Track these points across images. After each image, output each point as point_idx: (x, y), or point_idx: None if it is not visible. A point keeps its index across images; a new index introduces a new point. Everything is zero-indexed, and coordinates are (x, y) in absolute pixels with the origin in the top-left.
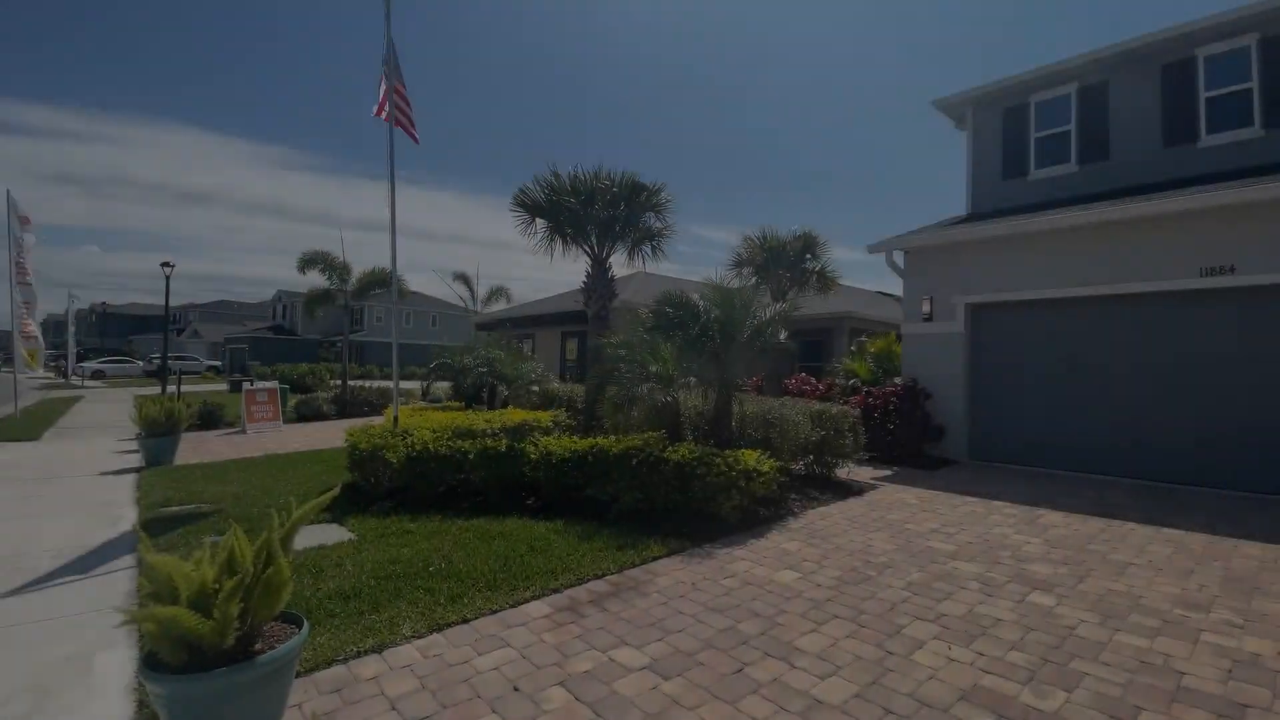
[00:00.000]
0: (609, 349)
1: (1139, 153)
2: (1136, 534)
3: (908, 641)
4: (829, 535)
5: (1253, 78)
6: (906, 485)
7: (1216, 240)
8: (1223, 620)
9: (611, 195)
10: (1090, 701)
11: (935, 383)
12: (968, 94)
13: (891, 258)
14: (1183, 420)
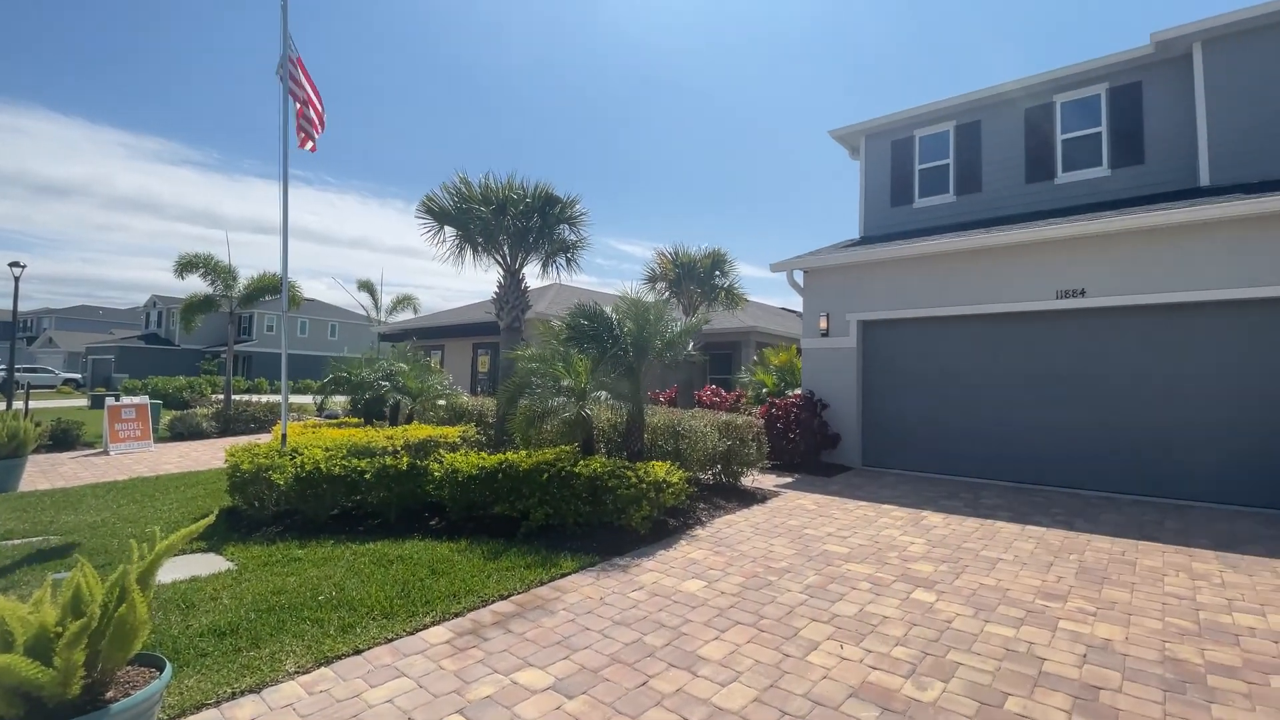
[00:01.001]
0: (521, 362)
1: (1006, 186)
2: (1006, 532)
3: (804, 643)
4: (734, 543)
5: (1102, 123)
6: (806, 491)
7: (1070, 266)
8: (1077, 609)
9: (525, 206)
10: (964, 690)
11: (832, 394)
12: (860, 126)
13: (792, 277)
14: (1044, 427)
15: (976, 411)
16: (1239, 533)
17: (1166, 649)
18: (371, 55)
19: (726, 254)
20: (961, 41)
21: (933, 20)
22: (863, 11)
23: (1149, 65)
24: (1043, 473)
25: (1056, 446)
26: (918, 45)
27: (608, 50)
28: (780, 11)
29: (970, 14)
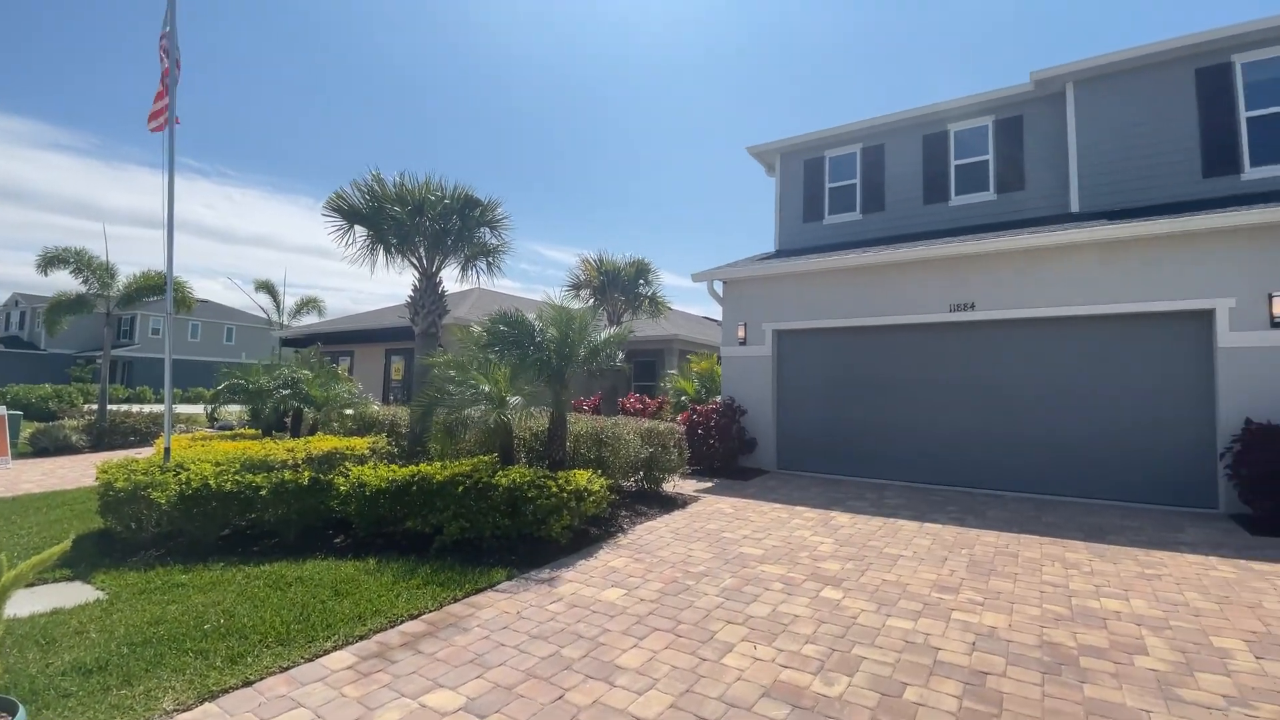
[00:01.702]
0: (438, 368)
1: (907, 206)
2: (906, 530)
3: (720, 646)
4: (654, 549)
5: (989, 152)
6: (724, 495)
7: (961, 282)
8: (968, 600)
9: (443, 207)
10: (867, 683)
11: (750, 400)
12: (775, 145)
13: (713, 287)
14: (940, 431)
15: (880, 416)
16: (1104, 525)
17: (1044, 634)
18: (279, 43)
19: (650, 263)
20: (895, 59)
21: (860, 40)
22: (788, 30)
23: (1029, 101)
24: (940, 473)
25: (951, 448)
26: (843, 63)
27: (533, 58)
28: (707, 27)
29: (905, 31)
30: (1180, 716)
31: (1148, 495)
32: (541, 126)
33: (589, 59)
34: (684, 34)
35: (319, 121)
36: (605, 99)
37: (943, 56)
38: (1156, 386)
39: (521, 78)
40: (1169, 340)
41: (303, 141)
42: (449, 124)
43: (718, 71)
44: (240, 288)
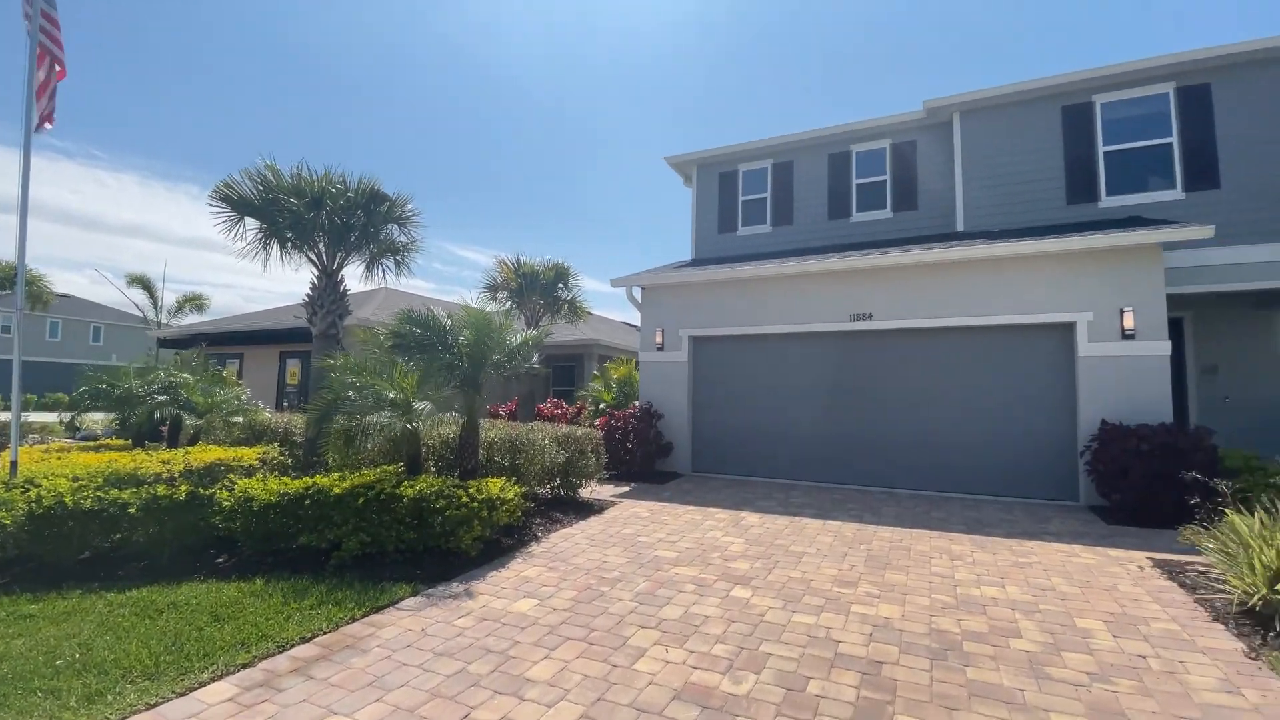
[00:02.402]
0: (337, 372)
1: (813, 221)
2: (811, 528)
3: (632, 652)
4: (569, 556)
5: (886, 172)
6: (640, 500)
7: (860, 294)
8: (865, 593)
9: (346, 201)
10: (774, 680)
11: (667, 405)
12: (692, 156)
13: (631, 293)
14: (842, 433)
15: (789, 419)
16: (985, 518)
17: (933, 622)
18: (171, 15)
19: (570, 267)
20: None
21: (778, 57)
22: (711, 42)
23: (922, 127)
24: (842, 473)
25: (852, 449)
26: (762, 77)
27: (456, 49)
28: (634, 36)
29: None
30: (1049, 693)
31: (1022, 490)
32: (462, 122)
33: (514, 58)
34: (605, 40)
35: (211, 105)
36: (532, 99)
37: (862, 74)
38: (1030, 391)
39: (439, 71)
40: (1039, 350)
41: (192, 126)
42: (364, 115)
43: (642, 79)
44: (111, 281)
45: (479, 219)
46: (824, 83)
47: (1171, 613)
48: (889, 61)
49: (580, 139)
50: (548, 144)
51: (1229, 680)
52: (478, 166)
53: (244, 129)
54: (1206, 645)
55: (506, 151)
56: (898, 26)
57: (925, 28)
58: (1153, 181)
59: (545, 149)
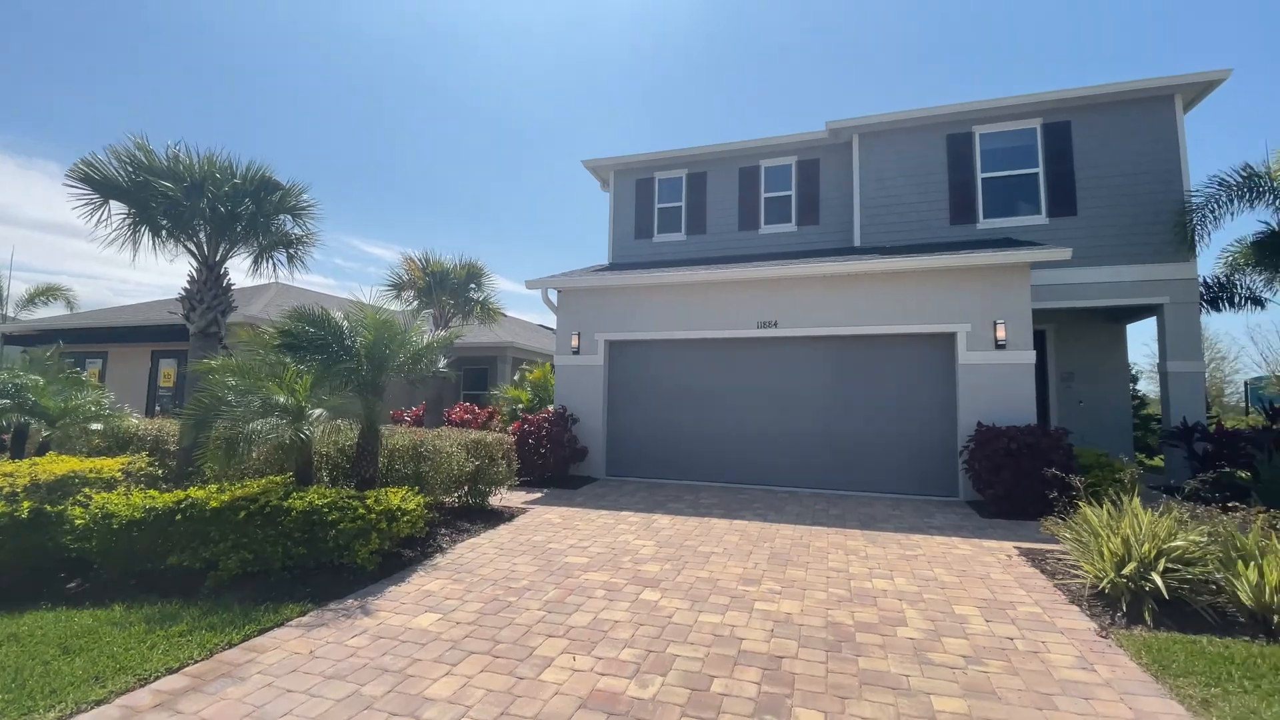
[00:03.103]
0: (218, 374)
1: (725, 231)
2: (719, 528)
3: (539, 662)
4: (475, 567)
5: (792, 188)
6: (553, 505)
7: (767, 302)
8: (768, 590)
9: (232, 187)
10: (679, 681)
11: (582, 409)
12: (610, 161)
13: (547, 295)
14: (750, 435)
15: (700, 423)
16: (877, 514)
17: (829, 615)
18: None
19: (483, 266)
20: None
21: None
22: (634, 47)
23: (826, 146)
24: (749, 474)
25: (759, 451)
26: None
27: (369, 35)
28: (559, 36)
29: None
30: (931, 677)
31: (910, 487)
32: (372, 112)
33: (433, 46)
34: (532, 40)
35: (73, 72)
36: (449, 93)
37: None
38: (917, 396)
39: (350, 55)
40: (926, 358)
41: (54, 94)
42: (259, 98)
43: (563, 81)
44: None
45: (387, 213)
46: (750, 95)
47: (1035, 597)
48: (794, 82)
49: (499, 136)
50: (463, 139)
51: (1083, 657)
52: (386, 159)
53: (113, 103)
54: (1064, 626)
55: (419, 145)
56: (806, 47)
57: (837, 50)
58: (1022, 207)
59: (461, 144)
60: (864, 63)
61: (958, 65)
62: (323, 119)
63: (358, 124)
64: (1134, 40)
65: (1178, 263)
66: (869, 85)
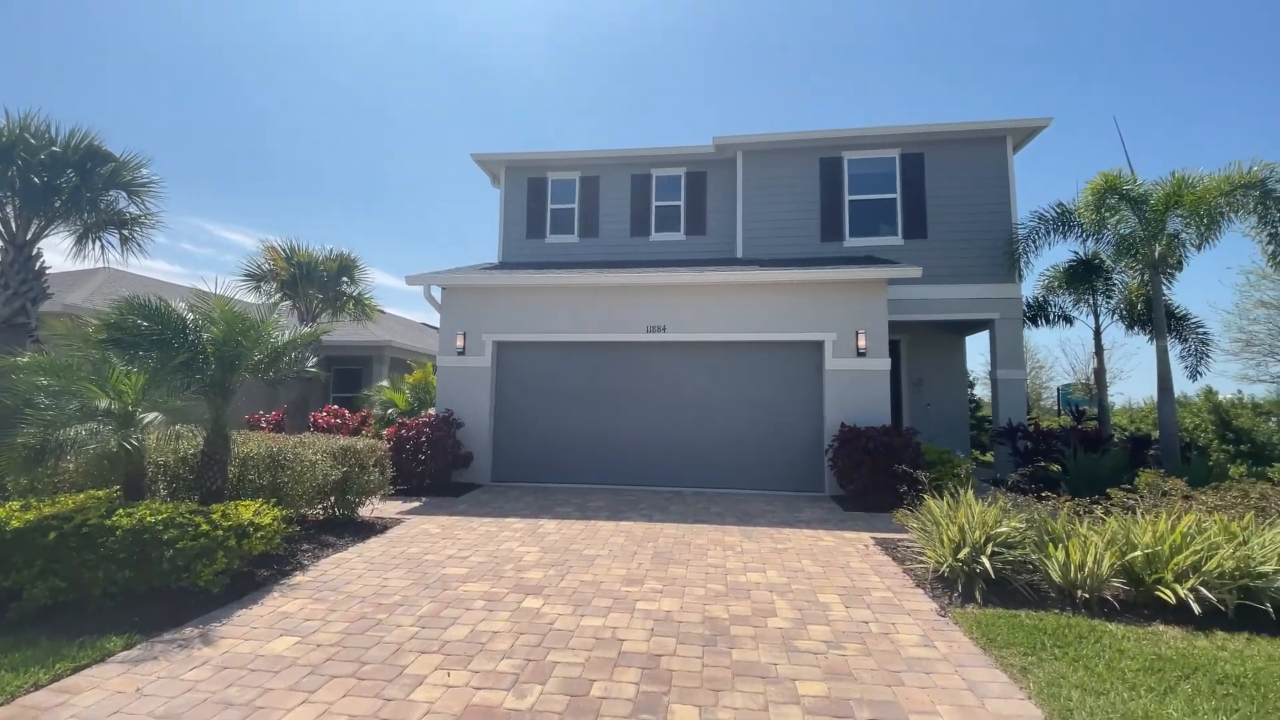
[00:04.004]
0: (24, 372)
1: (617, 236)
2: (605, 530)
3: (409, 681)
4: (341, 584)
5: (681, 198)
6: (432, 515)
7: (656, 308)
8: (651, 589)
9: (50, 156)
10: (559, 688)
11: (467, 413)
12: (501, 157)
13: (430, 292)
14: (638, 437)
15: (590, 426)
16: (753, 511)
17: (706, 610)
18: None
19: (358, 259)
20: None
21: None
22: (518, 42)
23: (713, 161)
24: (636, 475)
25: (647, 453)
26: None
27: (222, 10)
28: (439, 27)
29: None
30: (797, 664)
31: (783, 484)
32: (231, 84)
33: (304, 23)
34: (409, 28)
35: None
36: (326, 76)
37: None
38: (790, 399)
39: (209, 18)
40: (799, 364)
41: None
42: (99, 63)
43: (453, 70)
44: None
45: (251, 198)
46: (644, 102)
47: (887, 582)
48: (688, 97)
49: (381, 124)
50: (343, 126)
51: (926, 636)
52: (252, 140)
53: None
54: (911, 607)
55: (290, 128)
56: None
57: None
58: (882, 228)
59: (340, 131)
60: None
61: (834, 88)
62: (174, 89)
63: (216, 97)
64: (986, 83)
65: (1007, 284)
66: (755, 102)
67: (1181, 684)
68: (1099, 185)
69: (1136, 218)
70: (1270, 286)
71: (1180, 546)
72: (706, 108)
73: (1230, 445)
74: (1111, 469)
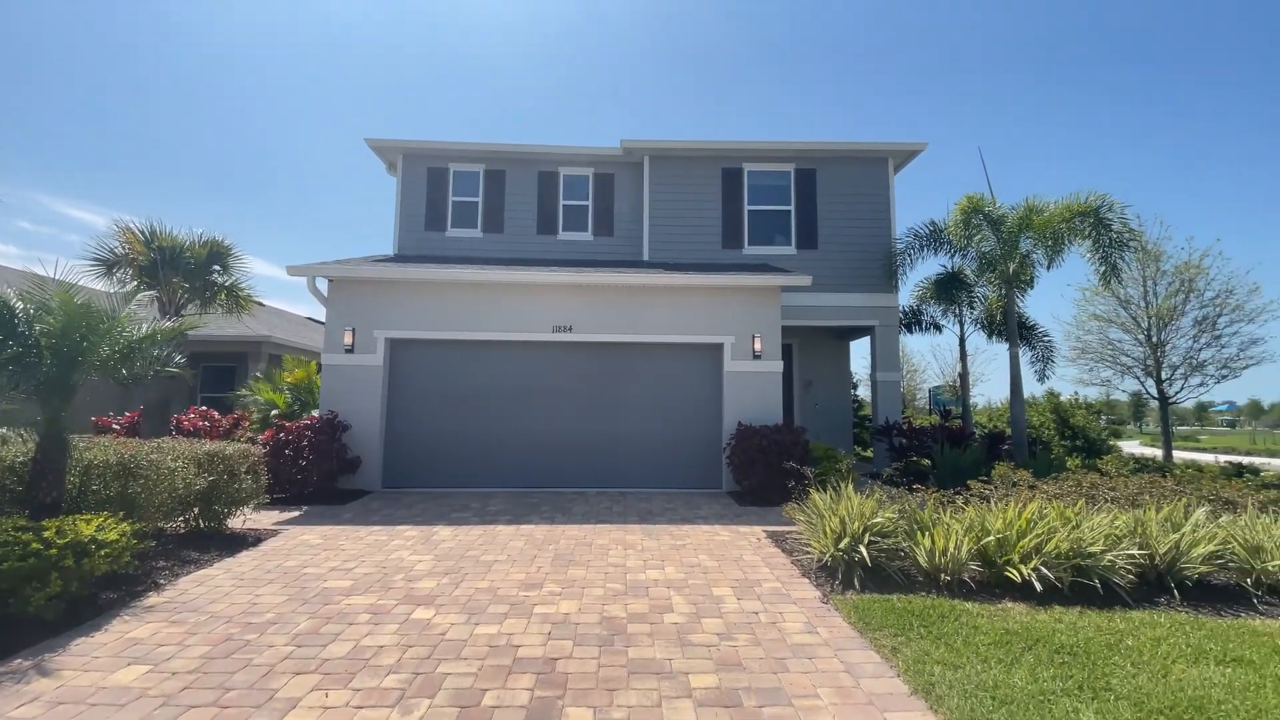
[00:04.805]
0: None
1: (523, 233)
2: (504, 534)
3: (281, 705)
4: (203, 604)
5: (589, 199)
6: (314, 524)
7: (563, 308)
8: (549, 592)
9: None
10: (449, 700)
11: (355, 414)
12: (399, 143)
13: (314, 284)
14: (542, 439)
15: (492, 427)
16: (654, 509)
17: (604, 610)
18: None
19: (231, 245)
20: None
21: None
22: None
23: (621, 163)
24: (541, 477)
25: (551, 454)
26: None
27: None
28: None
29: None
30: (690, 658)
31: (684, 482)
32: (93, 51)
33: None
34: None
35: None
36: (204, 43)
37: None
38: (693, 399)
39: None
40: (700, 365)
41: None
42: None
43: (349, 54)
44: None
45: (106, 172)
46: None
47: (776, 573)
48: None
49: (269, 100)
50: (223, 99)
51: (810, 623)
52: (114, 109)
53: None
54: (798, 596)
55: (160, 97)
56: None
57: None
58: (778, 238)
59: (219, 105)
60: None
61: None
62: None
63: (66, 58)
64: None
65: (887, 294)
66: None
67: (1025, 655)
68: (965, 206)
69: (995, 237)
70: (1101, 302)
71: (1025, 531)
72: (612, 111)
73: (1068, 440)
74: (972, 462)
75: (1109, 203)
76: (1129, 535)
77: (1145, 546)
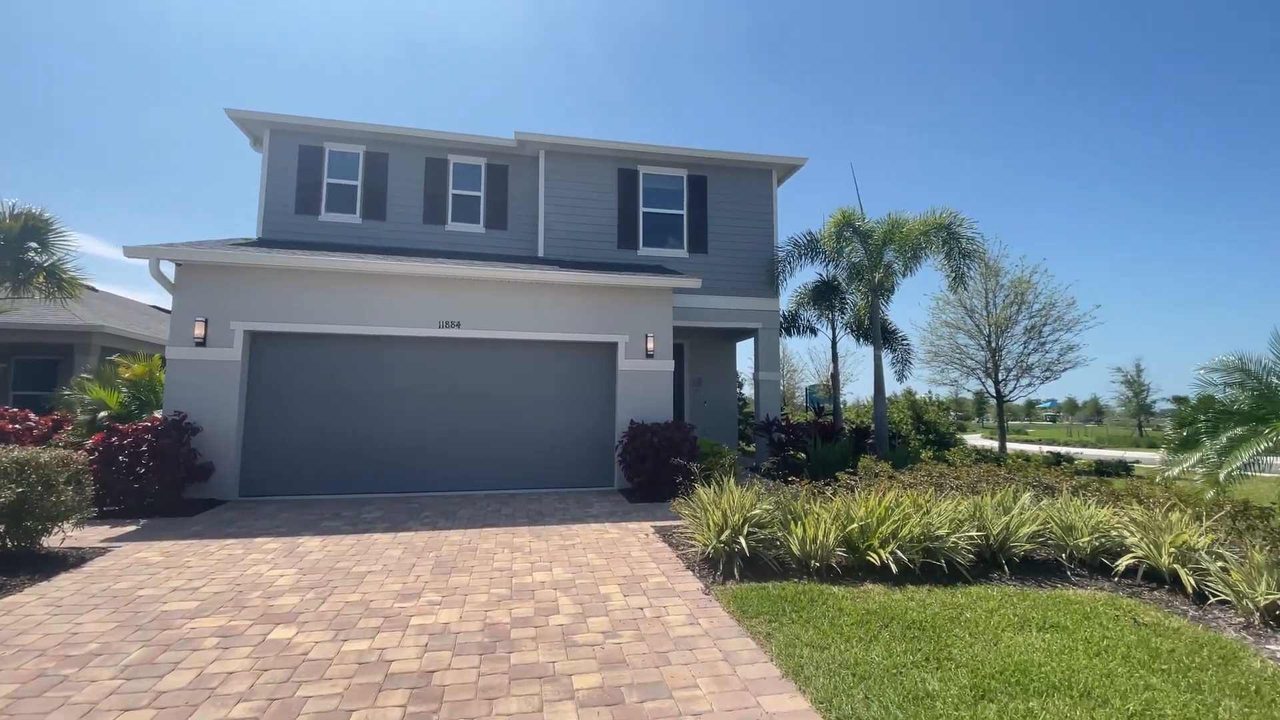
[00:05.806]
0: None
1: (408, 221)
2: (380, 543)
3: None
4: (9, 637)
5: (481, 190)
6: (153, 540)
7: (451, 302)
8: (428, 602)
9: None
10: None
11: (207, 415)
12: (266, 117)
13: (158, 268)
14: (427, 440)
15: (369, 429)
16: (544, 509)
17: (488, 617)
18: None
19: (53, 220)
20: None
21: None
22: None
23: (515, 155)
24: (425, 480)
25: (435, 456)
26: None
27: None
28: None
29: None
30: (575, 659)
31: (576, 481)
32: None
33: None
34: None
35: None
36: None
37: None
38: (585, 398)
39: None
40: (594, 363)
41: None
42: None
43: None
44: None
45: None
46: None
47: (663, 568)
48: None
49: (119, 63)
50: (66, 60)
51: (692, 614)
52: None
53: None
54: (682, 589)
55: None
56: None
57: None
58: (671, 241)
59: (38, 51)
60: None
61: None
62: None
63: None
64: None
65: (770, 298)
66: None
67: (882, 632)
68: (839, 220)
69: (864, 249)
70: (951, 310)
71: (884, 518)
72: (511, 102)
73: (923, 434)
74: (841, 456)
75: (959, 218)
76: (970, 519)
77: (983, 528)
